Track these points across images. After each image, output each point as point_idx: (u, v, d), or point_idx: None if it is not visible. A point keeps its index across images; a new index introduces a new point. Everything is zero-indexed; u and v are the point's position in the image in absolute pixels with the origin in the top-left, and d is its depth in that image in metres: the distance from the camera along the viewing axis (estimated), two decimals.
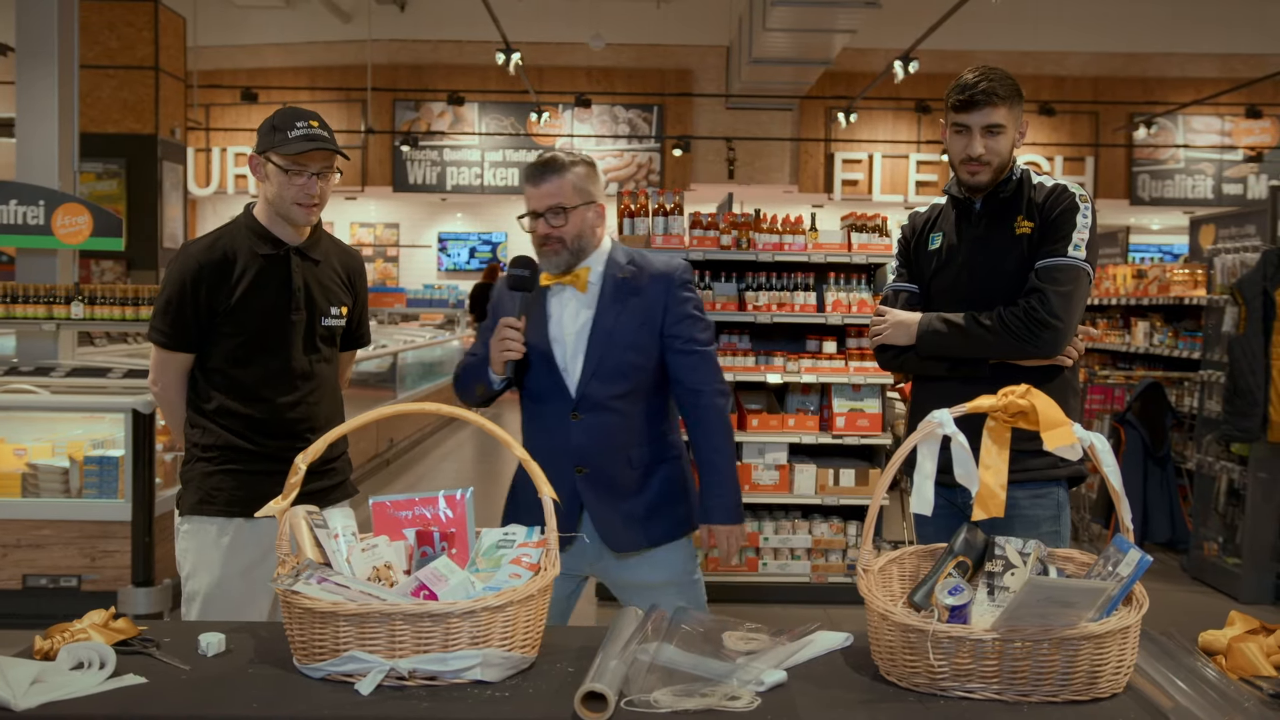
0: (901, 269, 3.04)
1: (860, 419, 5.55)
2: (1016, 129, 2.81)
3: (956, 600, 1.88)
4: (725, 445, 2.87)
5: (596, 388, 2.74)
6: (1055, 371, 2.78)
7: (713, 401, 2.84)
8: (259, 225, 2.87)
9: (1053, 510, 2.79)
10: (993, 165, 2.77)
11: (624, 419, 2.75)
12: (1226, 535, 6.17)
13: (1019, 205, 2.81)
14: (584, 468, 2.75)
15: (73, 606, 2.45)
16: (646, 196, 5.63)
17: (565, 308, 2.80)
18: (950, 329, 2.78)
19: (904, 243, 3.06)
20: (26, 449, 5.30)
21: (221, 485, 2.82)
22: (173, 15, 12.01)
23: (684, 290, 2.83)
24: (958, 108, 2.76)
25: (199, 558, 2.84)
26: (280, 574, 1.90)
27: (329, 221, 14.01)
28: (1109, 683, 1.78)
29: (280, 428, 2.85)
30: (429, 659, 1.79)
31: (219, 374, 2.85)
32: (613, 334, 2.75)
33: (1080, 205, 2.74)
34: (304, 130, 2.75)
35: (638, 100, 16.27)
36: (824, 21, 11.91)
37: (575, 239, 2.74)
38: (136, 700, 1.75)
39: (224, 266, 2.80)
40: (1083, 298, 2.74)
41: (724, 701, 1.73)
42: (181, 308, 2.80)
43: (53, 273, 6.24)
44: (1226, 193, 16.43)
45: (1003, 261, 2.80)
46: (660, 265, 2.84)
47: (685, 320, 2.81)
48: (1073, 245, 2.71)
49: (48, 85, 6.54)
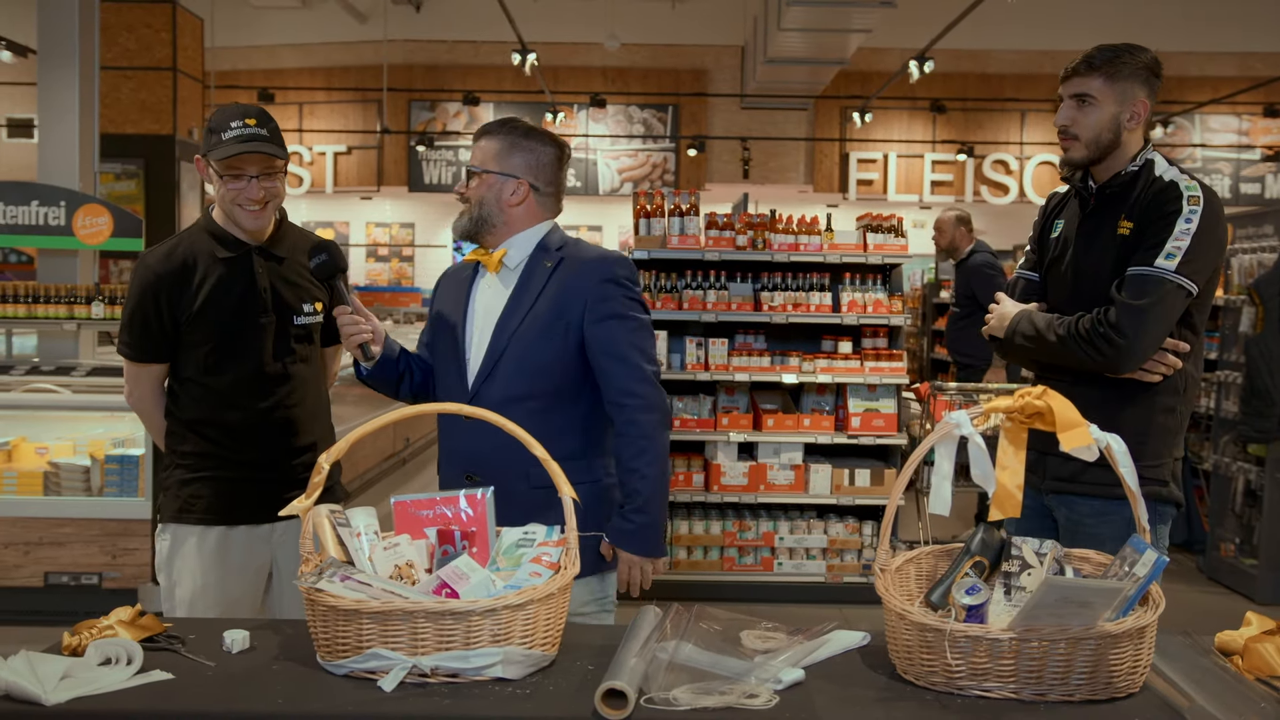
0: (1030, 253, 2.87)
1: (876, 419, 5.56)
2: (1123, 108, 2.58)
3: (974, 600, 1.89)
4: (647, 467, 2.50)
5: (492, 386, 2.52)
6: (1139, 388, 2.57)
7: (635, 416, 2.51)
8: (217, 227, 2.77)
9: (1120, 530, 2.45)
10: (1081, 140, 2.60)
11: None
12: (1243, 536, 6.15)
13: (1127, 201, 2.60)
14: (475, 475, 2.47)
15: (94, 604, 2.48)
16: (662, 197, 5.64)
17: (484, 292, 2.64)
18: (1033, 331, 2.65)
19: (1036, 226, 2.88)
20: (48, 448, 5.35)
21: (199, 493, 2.76)
22: (190, 17, 12.06)
23: (613, 285, 2.55)
24: (1061, 79, 2.64)
25: (181, 566, 2.77)
26: (304, 572, 1.92)
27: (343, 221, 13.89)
28: (1126, 682, 1.79)
29: (258, 434, 2.77)
30: (451, 656, 1.81)
31: (193, 383, 2.77)
32: (519, 326, 2.53)
33: (1186, 208, 2.49)
34: (238, 131, 2.61)
35: (653, 100, 16.26)
36: (839, 21, 11.88)
37: (479, 205, 2.58)
38: (164, 696, 1.78)
39: (183, 273, 2.71)
40: (1166, 312, 2.49)
41: (743, 699, 1.74)
42: (145, 319, 2.72)
43: (73, 273, 6.29)
44: (1244, 192, 16.32)
45: (1102, 262, 2.61)
46: (592, 255, 2.60)
47: (609, 320, 2.53)
48: (1164, 254, 2.47)
49: (69, 87, 6.58)
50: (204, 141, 2.70)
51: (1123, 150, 2.63)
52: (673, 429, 5.59)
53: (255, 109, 2.71)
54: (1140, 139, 2.65)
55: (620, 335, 2.54)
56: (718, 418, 5.63)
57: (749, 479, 5.60)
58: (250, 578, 2.81)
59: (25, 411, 5.44)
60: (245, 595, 2.80)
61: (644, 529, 2.53)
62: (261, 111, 2.71)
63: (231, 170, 2.65)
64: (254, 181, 2.67)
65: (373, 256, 17.63)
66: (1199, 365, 2.70)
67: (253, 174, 2.66)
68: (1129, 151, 2.63)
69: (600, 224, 17.56)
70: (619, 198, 16.44)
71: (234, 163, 2.64)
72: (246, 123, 2.63)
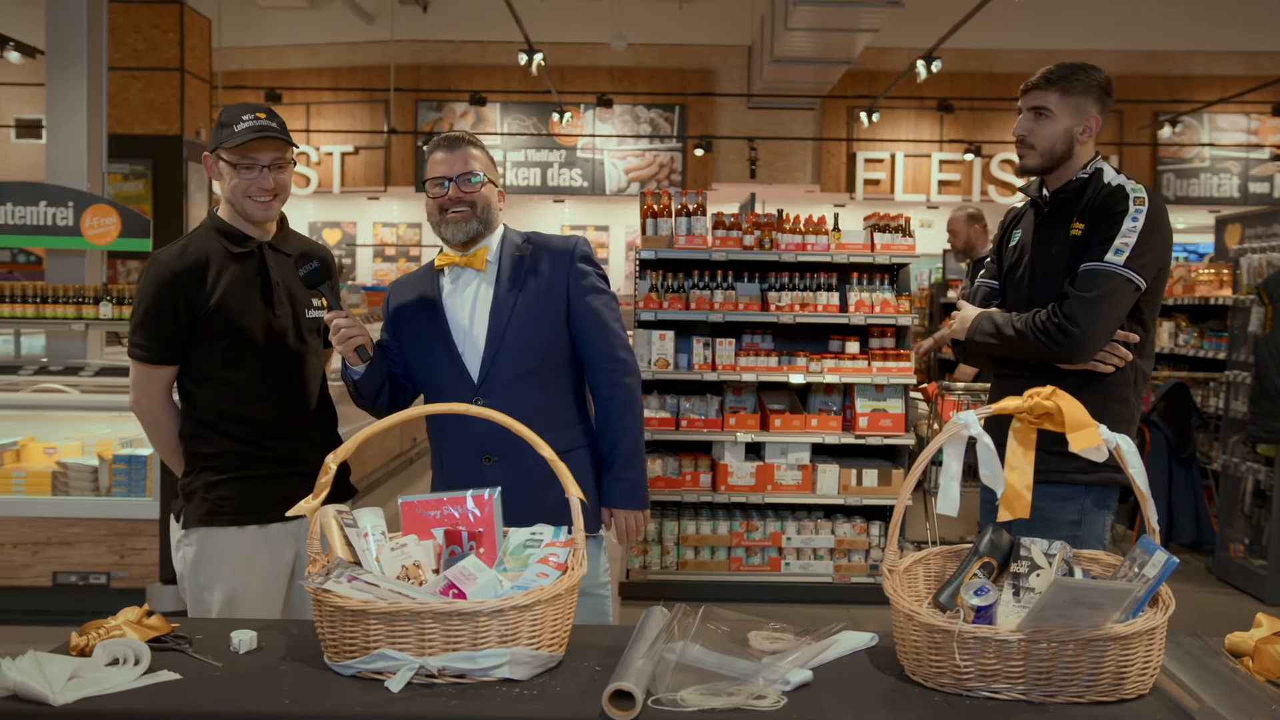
0: (991, 263, 3.08)
1: (883, 419, 5.55)
2: (1076, 122, 2.79)
3: (982, 601, 1.88)
4: (631, 426, 2.80)
5: (501, 367, 2.70)
6: (1094, 377, 2.76)
7: (621, 379, 2.79)
8: (226, 225, 2.80)
9: (1075, 515, 2.77)
10: (1037, 149, 2.80)
11: (530, 401, 2.64)
12: (1252, 537, 6.13)
13: (1079, 205, 2.79)
14: (492, 456, 2.68)
15: (102, 603, 2.48)
16: (670, 197, 5.64)
17: (463, 290, 2.78)
18: (992, 328, 2.83)
19: (995, 239, 3.10)
20: (56, 448, 5.37)
21: (229, 494, 2.75)
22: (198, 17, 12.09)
23: (586, 264, 2.81)
24: (1021, 92, 2.84)
25: (214, 571, 2.74)
26: (311, 572, 1.92)
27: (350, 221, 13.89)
28: (1135, 684, 1.78)
29: (283, 427, 2.80)
30: (458, 657, 1.81)
31: (212, 380, 2.76)
32: (515, 309, 2.72)
33: (1133, 207, 2.69)
34: (250, 122, 2.68)
35: (659, 100, 16.26)
36: (846, 21, 11.87)
37: (484, 209, 2.74)
38: (171, 696, 1.78)
39: (197, 270, 2.72)
40: (1115, 305, 2.69)
41: (750, 700, 1.74)
42: (160, 319, 2.72)
43: (81, 273, 6.30)
44: (1253, 191, 16.28)
45: (1057, 262, 2.80)
46: (558, 243, 2.84)
47: (589, 294, 2.78)
48: (1113, 250, 2.67)
49: (76, 87, 6.60)
50: (214, 137, 2.74)
51: (1074, 160, 2.83)
52: (679, 429, 5.59)
53: (264, 106, 2.78)
54: (1091, 150, 2.85)
55: (601, 308, 2.80)
56: (725, 418, 5.63)
57: (756, 479, 5.60)
58: (281, 574, 2.82)
59: (33, 411, 5.45)
60: (275, 592, 2.81)
61: (635, 484, 2.80)
62: (269, 108, 2.77)
63: (245, 159, 2.70)
64: (265, 171, 2.72)
65: (380, 256, 17.65)
66: (1149, 360, 2.90)
67: (264, 163, 2.72)
68: (1080, 161, 2.83)
69: (607, 224, 17.57)
70: (626, 198, 16.44)
71: (247, 150, 2.69)
72: (257, 115, 2.71)
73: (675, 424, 5.61)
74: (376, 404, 2.85)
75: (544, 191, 16.54)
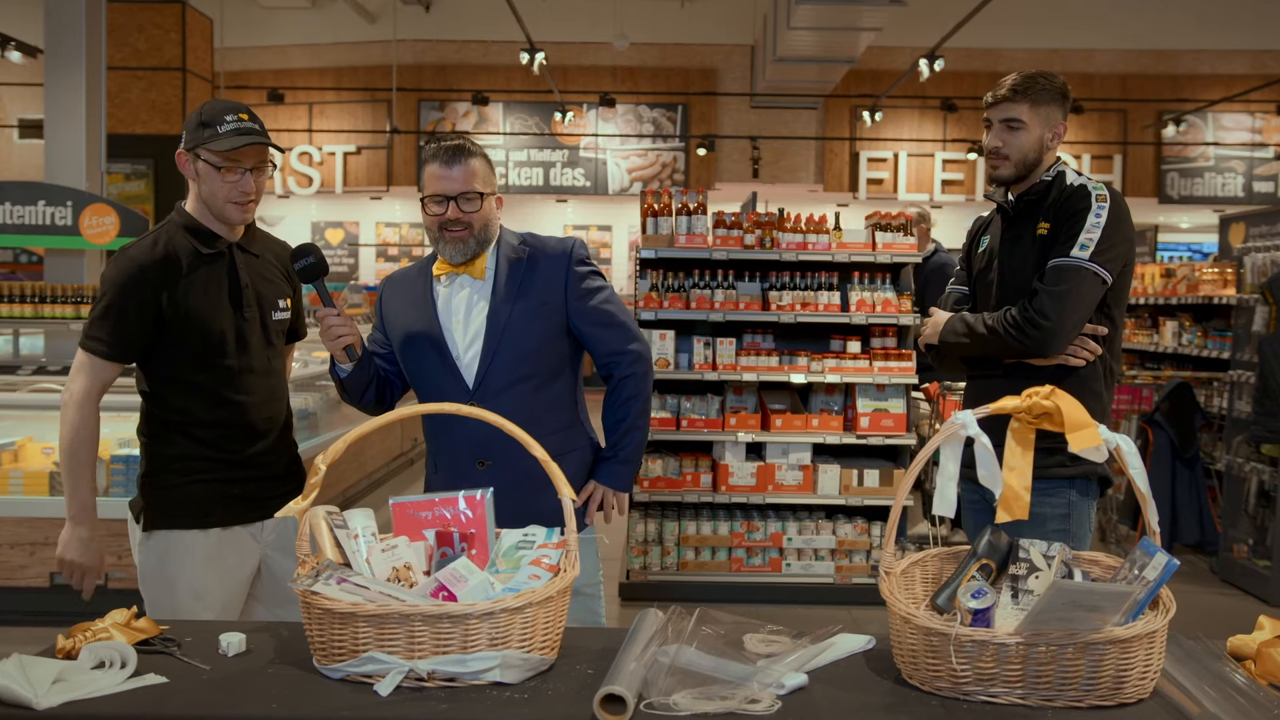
0: (960, 270, 3.17)
1: (885, 419, 5.52)
2: (1045, 129, 2.88)
3: (980, 603, 1.86)
4: (640, 417, 2.80)
5: (496, 374, 2.67)
6: (1066, 372, 2.81)
7: (632, 369, 2.79)
8: (196, 223, 2.73)
9: (1061, 510, 2.80)
10: (1011, 160, 2.88)
11: (526, 406, 2.62)
12: (1256, 537, 6.09)
13: (1044, 206, 2.87)
14: (486, 460, 2.66)
15: (99, 604, 2.46)
16: (670, 196, 5.62)
17: (457, 294, 2.75)
18: (964, 328, 2.90)
19: (964, 246, 3.18)
20: (54, 448, 5.34)
21: (193, 496, 2.70)
22: (200, 17, 12.09)
23: (583, 265, 2.79)
24: (987, 105, 2.92)
25: (176, 572, 2.68)
26: (300, 574, 1.89)
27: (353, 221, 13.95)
28: (1135, 688, 1.75)
29: (249, 430, 2.75)
30: (448, 660, 1.78)
31: (177, 382, 2.70)
32: (512, 317, 2.69)
33: (1095, 205, 2.77)
34: (235, 124, 2.61)
35: (662, 99, 16.25)
36: (849, 20, 11.86)
37: (483, 228, 2.69)
38: (157, 700, 1.76)
39: (168, 267, 2.65)
40: (1083, 298, 2.75)
41: (744, 704, 1.71)
42: (123, 313, 2.62)
43: (80, 273, 6.30)
44: (1257, 190, 16.25)
45: (1025, 262, 2.87)
46: (554, 245, 2.81)
47: (589, 293, 2.77)
48: (1078, 245, 2.74)
49: (75, 86, 6.60)
50: (193, 135, 2.66)
51: (1040, 166, 2.93)
52: (680, 429, 5.57)
53: (242, 105, 2.71)
54: (1055, 155, 2.95)
55: (604, 305, 2.79)
56: (725, 418, 5.60)
57: (757, 479, 5.57)
58: (243, 578, 2.79)
59: (31, 411, 5.44)
60: (238, 596, 2.78)
61: (631, 470, 2.82)
62: (248, 108, 2.71)
63: (229, 162, 2.64)
64: (248, 175, 2.68)
65: (382, 256, 17.65)
66: (1118, 355, 2.95)
67: (248, 167, 2.67)
68: (1044, 165, 2.93)
69: (610, 223, 17.56)
70: (628, 197, 16.43)
71: (232, 155, 2.64)
72: (240, 117, 2.65)
73: (676, 424, 5.58)
74: (363, 401, 2.83)
75: (547, 191, 16.54)
